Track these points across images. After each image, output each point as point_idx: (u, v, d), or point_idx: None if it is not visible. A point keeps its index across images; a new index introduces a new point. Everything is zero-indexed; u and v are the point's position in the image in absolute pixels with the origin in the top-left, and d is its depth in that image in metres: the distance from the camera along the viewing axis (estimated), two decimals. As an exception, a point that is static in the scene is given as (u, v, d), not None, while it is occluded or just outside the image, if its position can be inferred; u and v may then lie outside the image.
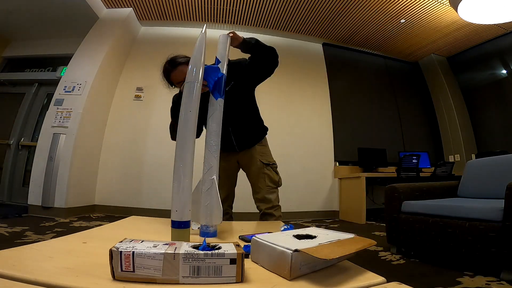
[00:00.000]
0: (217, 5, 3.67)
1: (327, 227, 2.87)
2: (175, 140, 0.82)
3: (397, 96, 4.75)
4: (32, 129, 3.81)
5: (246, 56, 1.41)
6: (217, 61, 1.02)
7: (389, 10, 3.64)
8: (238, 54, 1.38)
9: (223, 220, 0.87)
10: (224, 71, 0.98)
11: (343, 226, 3.14)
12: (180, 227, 0.67)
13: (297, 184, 3.82)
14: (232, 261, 0.44)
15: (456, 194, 2.07)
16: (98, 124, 3.51)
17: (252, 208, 1.58)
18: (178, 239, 0.66)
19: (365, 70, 4.77)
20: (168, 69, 1.43)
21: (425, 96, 4.95)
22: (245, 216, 1.71)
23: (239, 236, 0.87)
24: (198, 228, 0.93)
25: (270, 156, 1.56)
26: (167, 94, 1.59)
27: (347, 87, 4.53)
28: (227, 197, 1.54)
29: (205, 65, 0.85)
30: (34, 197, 2.91)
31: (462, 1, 3.15)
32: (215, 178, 0.89)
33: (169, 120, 1.44)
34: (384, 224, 1.99)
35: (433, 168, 3.68)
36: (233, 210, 1.65)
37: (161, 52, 4.54)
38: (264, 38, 4.36)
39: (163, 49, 4.03)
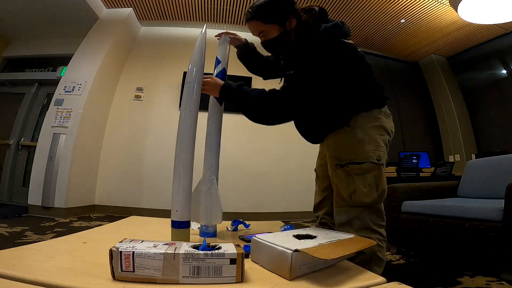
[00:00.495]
0: (217, 5, 3.67)
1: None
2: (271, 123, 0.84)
3: (397, 96, 4.75)
4: (32, 129, 3.81)
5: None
6: (218, 62, 1.02)
7: (389, 10, 3.64)
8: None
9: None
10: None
11: (343, 226, 3.13)
12: (180, 227, 0.67)
13: (297, 183, 3.81)
14: (232, 261, 0.44)
15: (456, 194, 2.07)
16: (98, 124, 3.50)
17: (252, 208, 1.57)
18: (178, 239, 0.66)
19: (365, 70, 4.76)
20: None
21: (425, 96, 4.95)
22: (244, 216, 1.71)
23: (239, 236, 0.87)
24: (198, 228, 0.94)
25: (353, 149, 0.92)
26: (167, 94, 1.58)
27: (347, 87, 4.52)
28: (323, 201, 1.14)
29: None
30: (34, 197, 2.91)
31: (462, 1, 3.15)
32: (215, 178, 0.89)
33: (169, 120, 1.42)
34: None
35: (433, 168, 3.67)
36: (233, 210, 1.50)
37: (161, 52, 4.57)
38: (264, 38, 4.36)
39: (163, 49, 4.07)
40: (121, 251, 0.42)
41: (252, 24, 0.97)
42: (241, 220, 1.04)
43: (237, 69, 1.62)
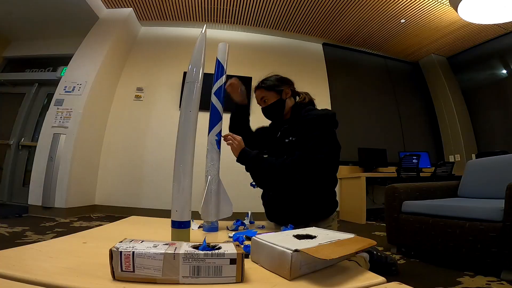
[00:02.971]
0: (217, 5, 3.67)
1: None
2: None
3: (397, 96, 4.75)
4: (32, 129, 3.81)
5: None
6: (218, 63, 1.03)
7: (389, 10, 3.64)
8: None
9: None
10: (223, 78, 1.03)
11: (343, 226, 3.13)
12: (180, 227, 0.67)
13: (297, 184, 3.82)
14: (232, 261, 0.44)
15: (457, 194, 2.07)
16: (98, 124, 3.51)
17: (252, 208, 1.57)
18: (178, 239, 0.66)
19: (365, 70, 4.76)
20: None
21: (425, 96, 4.95)
22: (244, 216, 1.70)
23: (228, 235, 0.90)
24: (200, 227, 0.95)
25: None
26: (167, 94, 1.59)
27: (347, 87, 4.53)
28: None
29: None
30: (35, 197, 2.91)
31: (462, 1, 3.15)
32: (219, 178, 0.97)
33: (169, 120, 1.48)
34: (384, 224, 1.99)
35: (433, 168, 3.68)
36: (235, 210, 1.39)
37: (161, 52, 4.57)
38: (264, 38, 4.37)
39: (163, 49, 4.07)
40: (121, 251, 0.42)
41: (258, 92, 1.25)
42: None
43: (237, 69, 1.62)
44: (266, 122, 1.36)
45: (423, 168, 3.93)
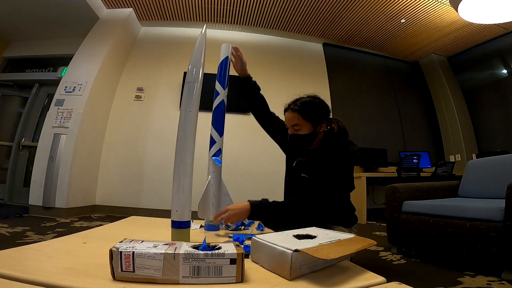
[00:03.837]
0: (217, 5, 3.67)
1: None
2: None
3: (397, 96, 4.75)
4: (33, 130, 3.81)
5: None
6: (223, 62, 1.04)
7: (389, 10, 3.64)
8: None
9: None
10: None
11: (343, 226, 3.13)
12: (180, 227, 0.67)
13: (297, 184, 3.82)
14: (232, 261, 0.44)
15: (457, 194, 2.07)
16: (98, 124, 3.51)
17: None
18: (178, 239, 0.66)
19: (365, 70, 4.76)
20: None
21: (425, 96, 4.95)
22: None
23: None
24: (202, 226, 0.96)
25: None
26: (167, 95, 1.60)
27: (347, 87, 4.53)
28: None
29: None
30: (35, 197, 2.91)
31: (462, 1, 3.14)
32: (222, 179, 0.97)
33: (169, 120, 1.48)
34: (385, 224, 1.98)
35: (433, 168, 3.67)
36: None
37: (161, 52, 4.58)
38: (264, 38, 4.37)
39: (163, 49, 4.07)
40: (121, 251, 0.42)
41: (293, 115, 1.09)
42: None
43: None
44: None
45: (424, 168, 3.92)
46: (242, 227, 1.03)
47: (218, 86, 1.04)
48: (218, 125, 1.01)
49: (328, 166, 1.02)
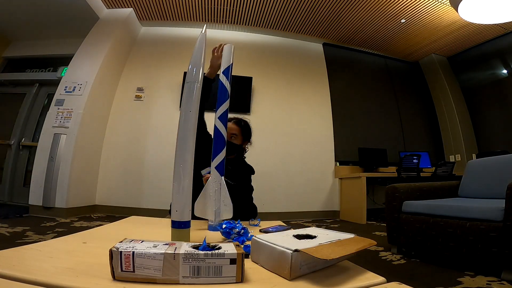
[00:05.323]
0: (217, 5, 3.67)
1: (327, 227, 2.86)
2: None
3: (397, 96, 4.75)
4: (33, 129, 3.82)
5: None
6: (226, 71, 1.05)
7: (390, 10, 3.64)
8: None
9: None
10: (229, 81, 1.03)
11: (343, 226, 3.14)
12: (180, 227, 0.67)
13: (297, 184, 3.82)
14: (232, 261, 0.44)
15: (457, 194, 2.07)
16: (98, 124, 3.51)
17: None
18: (178, 239, 0.66)
19: (365, 70, 4.76)
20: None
21: (425, 96, 4.95)
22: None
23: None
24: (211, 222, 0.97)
25: None
26: (167, 95, 1.62)
27: (347, 87, 4.53)
28: None
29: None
30: (35, 197, 2.91)
31: (462, 1, 3.14)
32: (222, 178, 0.97)
33: (169, 120, 1.52)
34: (385, 224, 1.98)
35: (433, 168, 3.67)
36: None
37: (161, 52, 4.58)
38: (264, 38, 4.37)
39: (164, 49, 4.07)
40: (121, 251, 0.42)
41: (236, 127, 1.46)
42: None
43: (237, 69, 1.62)
44: None
45: (424, 168, 3.92)
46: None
47: (224, 90, 1.03)
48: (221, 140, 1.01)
49: (248, 177, 1.52)
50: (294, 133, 3.99)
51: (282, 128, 3.93)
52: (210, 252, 0.44)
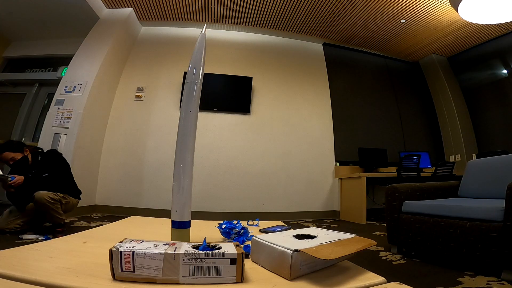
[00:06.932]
0: (217, 5, 3.67)
1: (327, 227, 2.86)
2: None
3: (397, 96, 4.75)
4: (33, 129, 3.81)
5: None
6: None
7: (390, 10, 3.64)
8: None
9: None
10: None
11: (343, 226, 3.14)
12: (180, 227, 0.67)
13: (297, 184, 3.82)
14: (232, 261, 0.44)
15: (457, 194, 2.07)
16: (98, 124, 3.51)
17: (252, 208, 1.59)
18: (178, 239, 0.66)
19: (365, 70, 4.76)
20: None
21: (425, 96, 4.95)
22: (245, 216, 1.71)
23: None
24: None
25: None
26: (167, 95, 1.60)
27: (347, 87, 4.53)
28: None
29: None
30: (35, 197, 2.91)
31: (462, 1, 3.15)
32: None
33: (169, 120, 1.47)
34: (385, 224, 1.98)
35: (433, 168, 3.67)
36: (234, 210, 1.63)
37: (161, 52, 4.57)
38: (264, 38, 4.37)
39: (164, 49, 4.08)
40: (121, 251, 0.42)
41: (2, 155, 2.00)
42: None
43: (237, 69, 1.62)
44: None
45: (424, 168, 3.92)
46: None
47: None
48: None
49: (55, 164, 2.13)
50: (294, 133, 3.99)
51: (282, 128, 3.93)
52: (210, 252, 0.44)
